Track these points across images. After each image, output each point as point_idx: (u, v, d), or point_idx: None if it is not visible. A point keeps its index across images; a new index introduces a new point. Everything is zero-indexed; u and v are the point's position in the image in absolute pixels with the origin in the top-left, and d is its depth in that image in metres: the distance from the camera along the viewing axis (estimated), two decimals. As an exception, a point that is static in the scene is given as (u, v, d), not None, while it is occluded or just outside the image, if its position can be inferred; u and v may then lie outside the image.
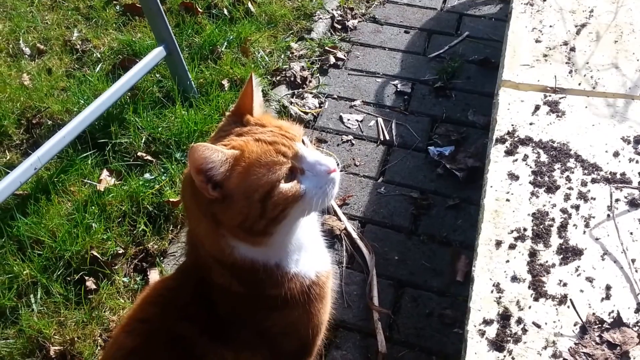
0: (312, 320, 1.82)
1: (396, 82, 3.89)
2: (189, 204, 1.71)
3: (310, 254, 1.80)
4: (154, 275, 2.84)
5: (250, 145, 1.56)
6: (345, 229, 3.05)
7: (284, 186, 1.55)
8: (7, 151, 3.36)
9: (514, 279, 1.98)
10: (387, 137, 3.53)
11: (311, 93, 3.81)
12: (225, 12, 4.26)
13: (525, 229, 2.11)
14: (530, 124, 2.48)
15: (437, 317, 2.73)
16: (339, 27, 4.32)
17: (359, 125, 3.61)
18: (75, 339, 2.60)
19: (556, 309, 1.89)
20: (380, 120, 3.63)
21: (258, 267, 1.68)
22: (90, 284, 2.78)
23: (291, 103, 3.68)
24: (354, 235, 3.02)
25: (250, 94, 1.69)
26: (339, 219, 3.08)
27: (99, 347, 2.60)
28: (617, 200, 2.16)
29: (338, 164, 1.69)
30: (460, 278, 2.83)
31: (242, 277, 1.70)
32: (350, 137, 3.54)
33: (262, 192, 1.53)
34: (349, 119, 3.64)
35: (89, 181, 3.14)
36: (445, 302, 2.77)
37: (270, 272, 1.69)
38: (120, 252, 2.91)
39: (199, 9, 4.25)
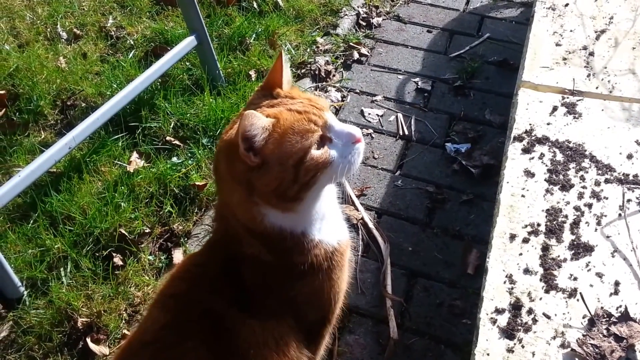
0: (333, 287, 1.89)
1: (417, 79, 3.95)
2: (224, 175, 1.77)
3: (331, 223, 1.88)
4: (177, 255, 2.91)
5: (284, 114, 1.64)
6: (362, 218, 3.11)
7: (315, 152, 1.63)
8: (42, 130, 3.44)
9: (527, 271, 2.03)
10: (406, 132, 3.59)
11: (334, 87, 3.87)
12: (255, 5, 4.33)
13: (539, 224, 2.17)
14: (548, 124, 2.53)
15: (447, 307, 2.78)
16: (364, 24, 4.38)
17: (379, 119, 3.68)
18: (102, 311, 2.67)
19: (566, 301, 1.94)
20: (400, 115, 3.69)
21: (286, 235, 1.75)
22: (117, 260, 2.86)
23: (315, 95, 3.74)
24: (370, 225, 3.08)
25: (280, 69, 1.76)
26: (357, 209, 3.14)
27: (123, 321, 2.68)
28: (628, 200, 2.21)
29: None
30: (470, 271, 2.89)
31: (270, 245, 1.77)
32: (371, 130, 3.60)
33: (296, 158, 1.61)
34: (369, 113, 3.71)
35: (119, 162, 3.23)
36: (456, 294, 2.82)
37: (297, 240, 1.77)
38: (146, 231, 2.99)
39: (232, -3, 4.33)
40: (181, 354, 1.68)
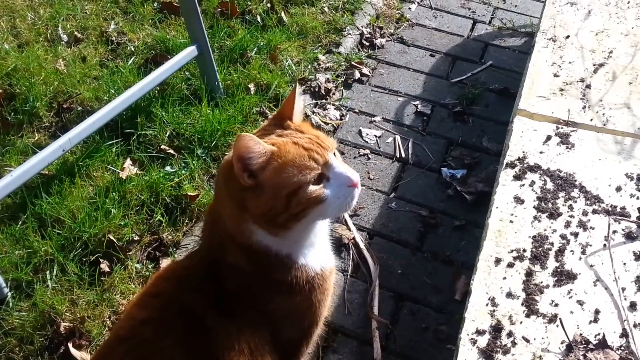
0: (312, 309, 1.93)
1: (417, 102, 3.94)
2: (221, 188, 1.86)
3: (318, 251, 1.92)
4: (165, 264, 2.89)
5: (288, 146, 1.70)
6: (354, 238, 3.10)
7: (310, 188, 1.69)
8: (36, 132, 3.43)
9: (509, 295, 2.05)
10: (403, 155, 3.58)
11: (333, 105, 3.87)
12: (259, 19, 4.33)
13: (524, 250, 2.18)
14: (541, 152, 2.55)
15: (433, 332, 2.77)
16: (367, 44, 4.37)
17: (377, 140, 3.67)
18: (86, 317, 2.67)
19: (546, 326, 1.95)
20: (398, 137, 3.69)
21: (270, 254, 1.80)
22: (104, 266, 2.85)
23: (313, 112, 3.74)
24: (361, 245, 3.07)
25: (292, 101, 1.83)
26: (349, 229, 3.14)
27: (107, 328, 2.66)
28: (614, 231, 2.23)
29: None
30: (458, 297, 2.88)
31: (253, 259, 1.81)
32: (368, 151, 3.60)
33: (290, 189, 1.67)
34: (367, 134, 3.71)
35: (112, 168, 3.22)
36: (442, 319, 2.82)
37: (280, 259, 1.82)
38: (135, 239, 2.98)
39: (237, 9, 4.34)
40: (157, 350, 1.70)
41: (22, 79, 3.63)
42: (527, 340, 1.92)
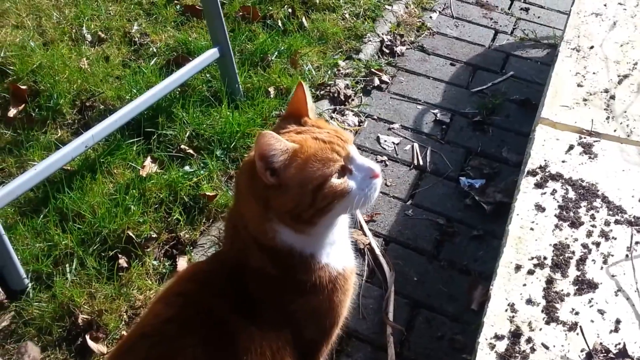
0: (334, 309, 1.94)
1: (436, 111, 3.93)
2: (243, 188, 1.86)
3: (340, 249, 1.94)
4: (182, 262, 2.92)
5: (309, 141, 1.72)
6: (370, 244, 3.10)
7: (335, 181, 1.70)
8: (59, 128, 3.46)
9: (529, 301, 2.04)
10: (421, 163, 3.58)
11: (352, 111, 3.87)
12: (280, 24, 4.35)
13: (545, 258, 2.17)
14: (563, 161, 2.54)
15: (448, 341, 2.76)
16: (387, 51, 4.37)
17: (394, 147, 3.67)
18: (103, 310, 2.69)
19: (565, 334, 1.95)
20: (416, 145, 3.68)
21: (294, 254, 1.81)
22: (122, 262, 2.87)
23: (332, 118, 3.74)
24: (377, 251, 3.06)
25: (304, 98, 1.84)
26: (365, 234, 3.14)
27: (123, 322, 2.69)
28: (637, 242, 2.22)
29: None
30: (475, 307, 2.85)
31: (277, 261, 1.82)
32: (385, 158, 3.60)
33: (316, 183, 1.68)
34: (385, 141, 3.71)
35: (133, 165, 3.25)
36: (458, 328, 2.80)
37: (304, 259, 1.83)
38: (153, 236, 3.00)
39: (258, 13, 4.37)
40: (179, 348, 1.71)
41: (47, 77, 3.66)
42: (547, 347, 1.92)
